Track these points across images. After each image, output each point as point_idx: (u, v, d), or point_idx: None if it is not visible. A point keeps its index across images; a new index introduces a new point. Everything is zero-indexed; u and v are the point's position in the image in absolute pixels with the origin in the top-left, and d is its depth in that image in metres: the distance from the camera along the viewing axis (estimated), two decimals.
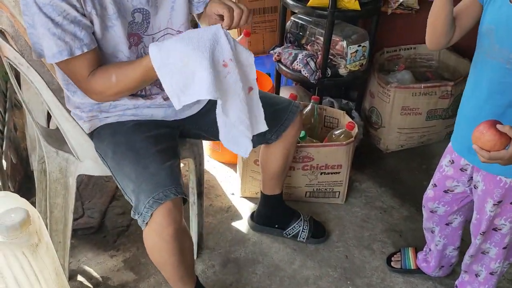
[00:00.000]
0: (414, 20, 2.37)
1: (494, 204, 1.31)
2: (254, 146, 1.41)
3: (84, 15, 1.22)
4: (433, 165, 2.30)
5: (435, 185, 1.49)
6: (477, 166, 1.32)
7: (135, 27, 1.33)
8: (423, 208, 1.57)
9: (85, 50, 1.22)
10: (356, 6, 1.98)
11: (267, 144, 1.68)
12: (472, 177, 1.37)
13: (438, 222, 1.54)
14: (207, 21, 1.42)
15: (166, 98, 1.41)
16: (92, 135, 1.43)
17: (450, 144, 1.43)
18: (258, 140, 1.52)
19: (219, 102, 1.18)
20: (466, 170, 1.37)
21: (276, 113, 1.58)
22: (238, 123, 1.25)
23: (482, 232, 1.39)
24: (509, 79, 1.16)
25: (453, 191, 1.44)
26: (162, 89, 1.42)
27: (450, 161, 1.41)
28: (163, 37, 1.39)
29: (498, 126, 1.03)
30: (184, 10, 1.40)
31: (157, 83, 1.38)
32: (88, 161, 1.45)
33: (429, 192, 1.52)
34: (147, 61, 1.18)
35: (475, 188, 1.36)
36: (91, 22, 1.24)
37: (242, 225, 1.97)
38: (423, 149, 2.44)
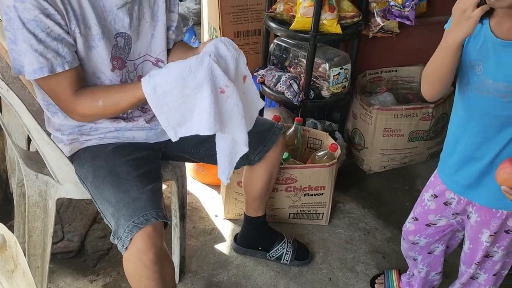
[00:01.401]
0: (395, 43, 2.42)
1: (490, 235, 1.29)
2: (237, 168, 1.41)
3: (68, 33, 1.22)
4: (416, 186, 2.34)
5: (416, 219, 1.45)
6: (477, 202, 1.28)
7: (118, 51, 1.33)
8: (402, 240, 1.54)
9: (67, 68, 1.21)
10: (337, 29, 2.01)
11: (250, 166, 1.68)
12: (458, 211, 1.35)
13: (420, 252, 1.51)
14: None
15: (149, 121, 1.41)
16: (72, 158, 1.41)
17: (432, 178, 1.41)
18: (241, 161, 1.52)
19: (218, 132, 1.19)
20: (451, 203, 1.35)
21: (259, 134, 1.58)
22: (235, 144, 1.28)
23: (477, 262, 1.36)
24: (508, 112, 1.14)
25: (436, 224, 1.41)
26: (144, 112, 1.42)
27: (432, 195, 1.39)
28: (142, 64, 1.40)
29: None
30: (163, 38, 1.42)
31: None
32: (68, 185, 1.43)
33: (409, 226, 1.48)
34: (140, 93, 1.17)
35: (468, 218, 1.34)
36: (75, 40, 1.24)
37: (226, 247, 1.95)
38: (406, 170, 2.46)
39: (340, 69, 2.14)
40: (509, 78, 1.11)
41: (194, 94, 1.13)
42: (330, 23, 2.00)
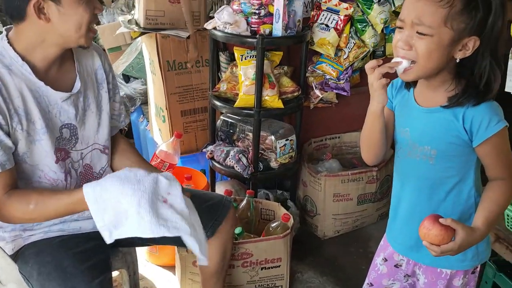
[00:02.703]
0: (335, 112, 2.56)
1: None
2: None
3: (8, 133, 1.21)
4: (370, 248, 2.38)
5: (371, 284, 1.46)
6: (422, 263, 1.32)
7: (63, 142, 1.34)
8: None
9: None
10: (279, 104, 2.11)
11: None
12: (408, 273, 1.38)
13: None
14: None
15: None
16: (15, 256, 1.35)
17: (382, 242, 1.44)
18: None
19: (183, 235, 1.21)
20: (401, 265, 1.38)
21: (209, 209, 1.58)
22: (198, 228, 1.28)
23: None
24: (435, 174, 1.21)
25: None
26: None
27: (383, 259, 1.41)
28: (91, 152, 1.40)
29: (441, 220, 1.09)
30: (108, 126, 1.45)
31: None
32: (11, 285, 1.36)
33: None
34: (77, 194, 1.18)
35: (417, 280, 1.37)
36: (15, 138, 1.23)
37: None
38: (359, 232, 2.51)
39: (286, 140, 2.22)
40: (432, 142, 1.20)
41: (133, 196, 1.15)
42: (271, 99, 2.10)
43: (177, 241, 1.29)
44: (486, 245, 1.29)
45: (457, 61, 1.11)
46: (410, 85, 1.24)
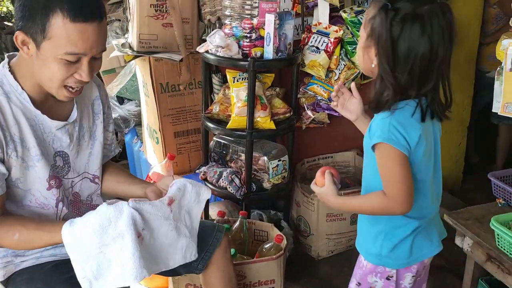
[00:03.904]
0: (328, 132, 2.59)
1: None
2: (180, 274, 1.40)
3: (2, 160, 1.23)
4: None
5: None
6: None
7: (56, 170, 1.35)
8: None
9: None
10: (271, 125, 2.14)
11: (202, 274, 1.61)
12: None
13: None
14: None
15: None
16: (7, 282, 1.35)
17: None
18: (185, 269, 1.49)
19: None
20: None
21: (201, 240, 1.53)
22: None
23: None
24: None
25: None
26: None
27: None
28: (81, 181, 1.41)
29: (326, 171, 1.38)
30: (100, 156, 1.46)
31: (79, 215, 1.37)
32: None
33: None
34: (58, 238, 1.19)
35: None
36: (9, 165, 1.24)
37: None
38: (352, 252, 2.49)
39: (278, 161, 2.24)
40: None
41: (114, 244, 1.16)
42: (263, 120, 2.12)
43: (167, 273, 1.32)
44: (389, 252, 1.35)
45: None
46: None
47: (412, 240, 1.35)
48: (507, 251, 1.61)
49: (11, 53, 1.32)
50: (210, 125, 2.22)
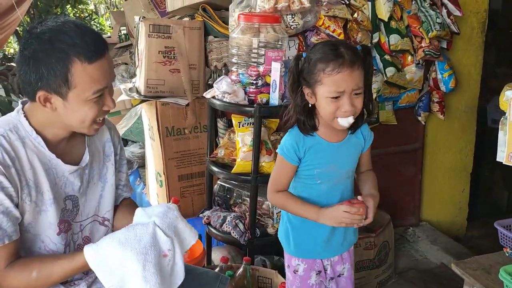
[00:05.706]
0: None
1: None
2: None
3: (17, 205, 1.23)
4: None
5: None
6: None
7: (67, 214, 1.35)
8: None
9: (6, 242, 1.20)
10: None
11: None
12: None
13: None
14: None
15: (90, 285, 1.36)
16: None
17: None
18: None
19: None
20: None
21: None
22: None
23: None
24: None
25: None
26: (86, 273, 1.38)
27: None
28: (90, 224, 1.40)
29: (354, 200, 1.54)
30: (112, 198, 1.46)
31: None
32: None
33: None
34: (79, 259, 1.19)
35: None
36: (23, 209, 1.24)
37: None
38: None
39: None
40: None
41: (139, 261, 1.15)
42: (268, 165, 2.13)
43: None
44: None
45: None
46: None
47: None
48: None
49: (24, 99, 1.34)
50: (215, 169, 2.22)
